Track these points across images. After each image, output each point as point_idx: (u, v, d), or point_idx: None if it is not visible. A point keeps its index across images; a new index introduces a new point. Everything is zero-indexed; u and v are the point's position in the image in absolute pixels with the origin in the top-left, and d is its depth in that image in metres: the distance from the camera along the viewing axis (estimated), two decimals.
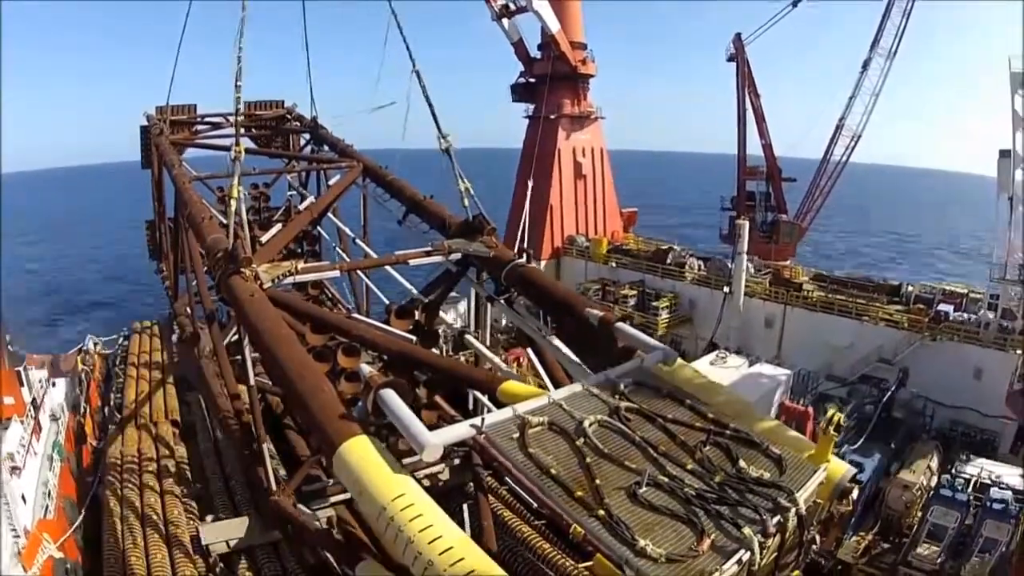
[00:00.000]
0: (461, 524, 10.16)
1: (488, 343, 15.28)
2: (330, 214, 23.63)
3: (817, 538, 8.68)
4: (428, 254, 14.67)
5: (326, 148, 24.03)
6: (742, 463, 8.01)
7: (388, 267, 16.62)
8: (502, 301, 14.08)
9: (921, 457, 30.00)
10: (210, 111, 26.89)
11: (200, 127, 26.28)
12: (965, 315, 37.84)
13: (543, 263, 53.16)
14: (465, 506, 10.92)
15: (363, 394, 9.74)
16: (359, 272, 20.80)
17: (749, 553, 6.64)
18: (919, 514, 26.86)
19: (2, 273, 73.62)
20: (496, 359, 14.11)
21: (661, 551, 6.50)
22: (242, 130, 22.92)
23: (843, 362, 38.44)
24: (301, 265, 13.59)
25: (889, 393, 34.17)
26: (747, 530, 6.79)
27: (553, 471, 7.72)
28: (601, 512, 7.02)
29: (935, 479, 28.73)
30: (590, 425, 8.62)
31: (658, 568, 6.38)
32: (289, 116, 27.17)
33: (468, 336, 14.98)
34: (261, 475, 11.27)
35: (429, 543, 6.59)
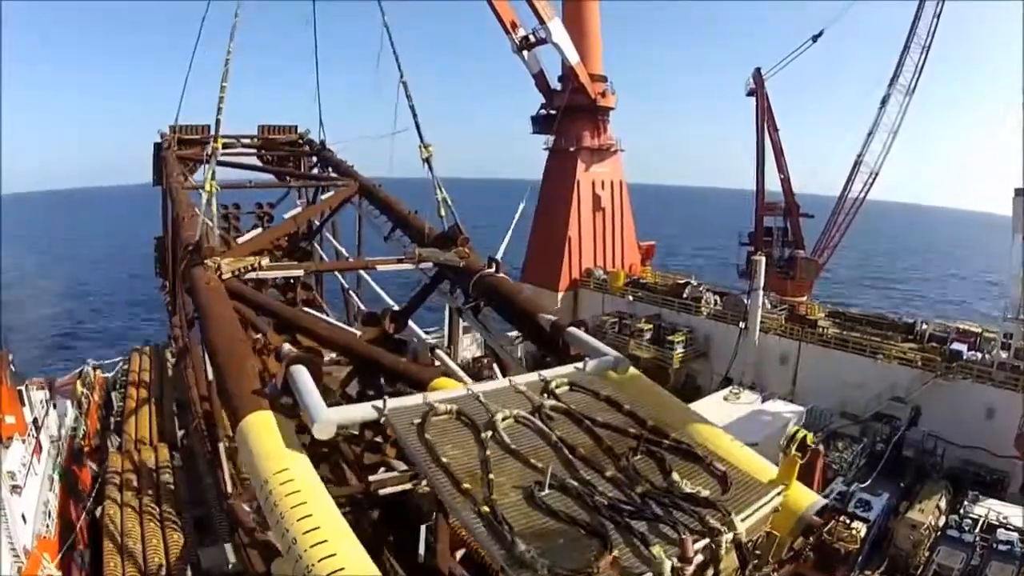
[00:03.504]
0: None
1: (459, 356, 15.37)
2: (327, 233, 24.74)
3: None
4: (399, 261, 15.12)
5: (330, 170, 25.25)
6: (675, 476, 7.36)
7: (363, 273, 17.09)
8: (467, 311, 14.29)
9: (930, 496, 30.13)
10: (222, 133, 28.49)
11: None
12: (978, 354, 37.97)
13: (560, 295, 53.88)
14: (424, 526, 10.15)
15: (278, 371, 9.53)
16: (340, 278, 21.47)
17: None
18: (926, 554, 27.11)
19: (2, 294, 75.18)
20: (461, 372, 13.54)
21: (545, 561, 5.78)
22: (252, 155, 23.99)
23: (857, 400, 38.52)
24: (265, 262, 13.81)
25: (900, 432, 34.37)
26: (657, 549, 6.03)
27: (444, 460, 7.26)
28: (485, 508, 6.48)
29: (943, 519, 28.82)
30: (503, 420, 8.21)
31: None
32: (301, 140, 28.69)
33: (438, 351, 14.80)
34: (219, 476, 11.41)
35: (298, 520, 6.41)
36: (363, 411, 8.28)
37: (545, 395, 9.13)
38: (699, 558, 6.32)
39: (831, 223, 54.66)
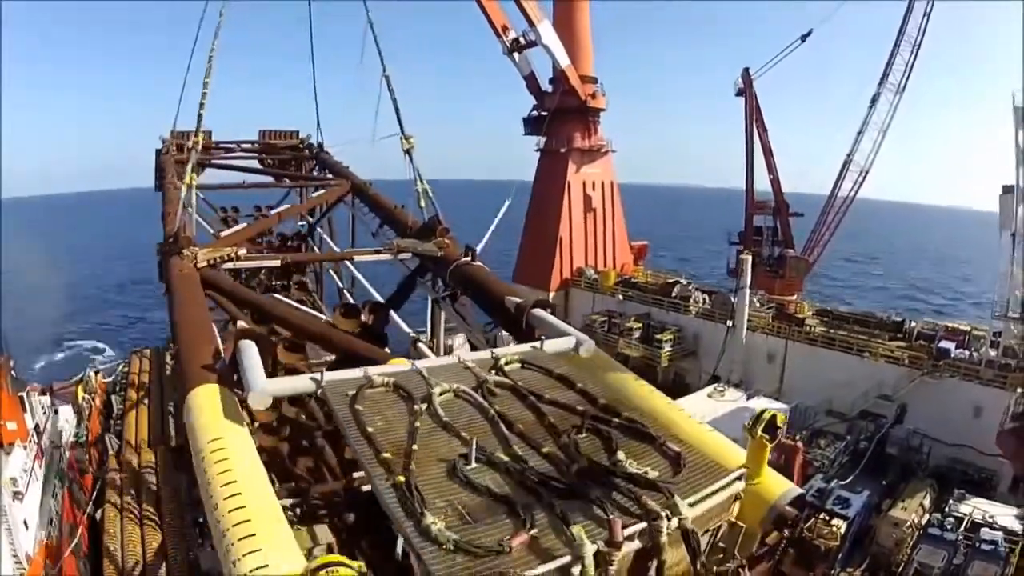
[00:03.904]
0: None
1: (441, 346, 15.50)
2: (324, 235, 25.01)
3: (743, 574, 7.71)
4: (377, 252, 15.29)
5: (327, 172, 25.68)
6: (621, 455, 6.97)
7: (355, 272, 17.41)
8: (446, 300, 14.49)
9: (914, 494, 29.98)
10: (225, 138, 28.89)
11: (214, 150, 27.99)
12: (966, 352, 37.82)
13: (551, 294, 53.88)
14: None
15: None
16: (336, 279, 21.69)
17: (579, 563, 5.44)
18: (908, 552, 26.94)
19: (2, 298, 75.33)
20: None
21: (452, 535, 5.51)
22: (254, 158, 24.40)
23: (844, 397, 38.40)
24: (243, 252, 14.20)
25: (884, 429, 34.21)
26: (578, 529, 5.63)
27: (370, 429, 7.15)
28: (400, 479, 6.25)
29: (927, 517, 28.70)
30: (441, 393, 8.07)
31: (442, 555, 5.39)
32: (301, 144, 29.12)
33: (420, 344, 14.98)
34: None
35: (221, 486, 6.41)
36: (301, 383, 8.32)
37: (493, 371, 8.98)
38: (635, 544, 5.98)
39: (821, 222, 54.54)
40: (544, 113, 56.89)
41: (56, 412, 23.16)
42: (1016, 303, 37.86)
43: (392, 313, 16.06)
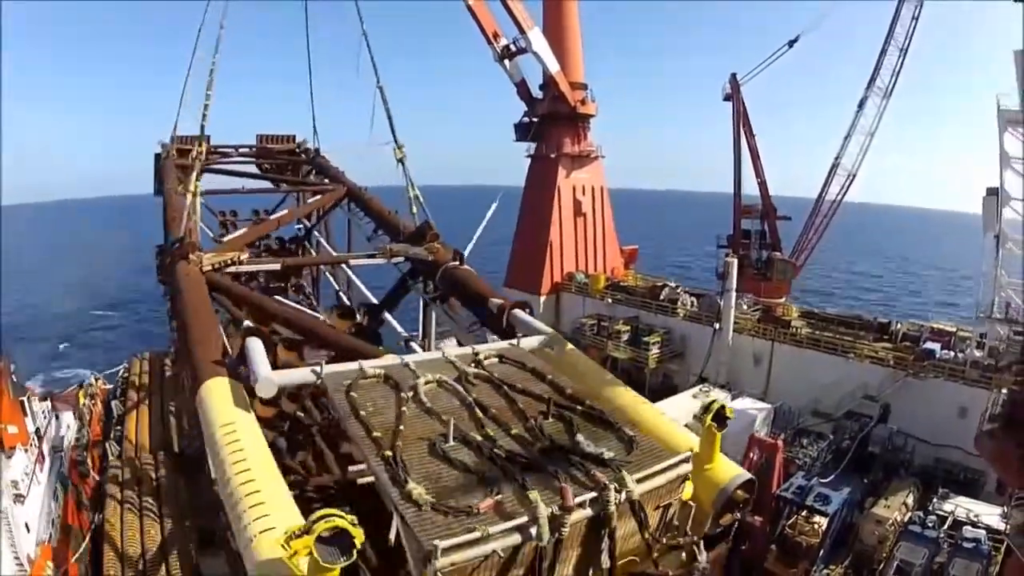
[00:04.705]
0: None
1: (432, 346, 16.04)
2: (321, 239, 25.34)
3: (700, 554, 8.21)
4: (371, 256, 15.91)
5: (323, 176, 25.99)
6: (580, 437, 7.79)
7: (352, 276, 17.96)
8: (435, 302, 15.18)
9: (897, 493, 30.16)
10: (223, 143, 29.17)
11: (212, 156, 28.32)
12: (951, 353, 38.03)
13: (542, 298, 54.08)
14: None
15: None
16: (332, 281, 22.20)
17: (534, 524, 6.24)
18: (890, 549, 27.05)
19: (1, 305, 75.40)
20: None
21: (430, 499, 6.35)
22: (252, 163, 24.79)
23: (829, 398, 38.65)
24: (245, 256, 14.93)
25: (867, 429, 34.40)
26: (534, 494, 6.44)
27: (363, 413, 8.11)
28: (388, 453, 7.15)
29: (910, 515, 28.88)
30: (425, 383, 9.08)
31: (422, 514, 6.22)
32: (297, 149, 29.43)
33: (413, 344, 15.61)
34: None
35: (234, 463, 7.24)
36: (302, 374, 9.16)
37: (473, 365, 9.87)
38: (587, 512, 6.68)
39: (808, 225, 54.89)
40: (535, 119, 57.39)
41: (57, 417, 23.70)
42: (1000, 304, 38.24)
43: (386, 314, 16.54)
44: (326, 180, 25.50)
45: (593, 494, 6.69)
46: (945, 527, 27.20)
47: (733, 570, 22.59)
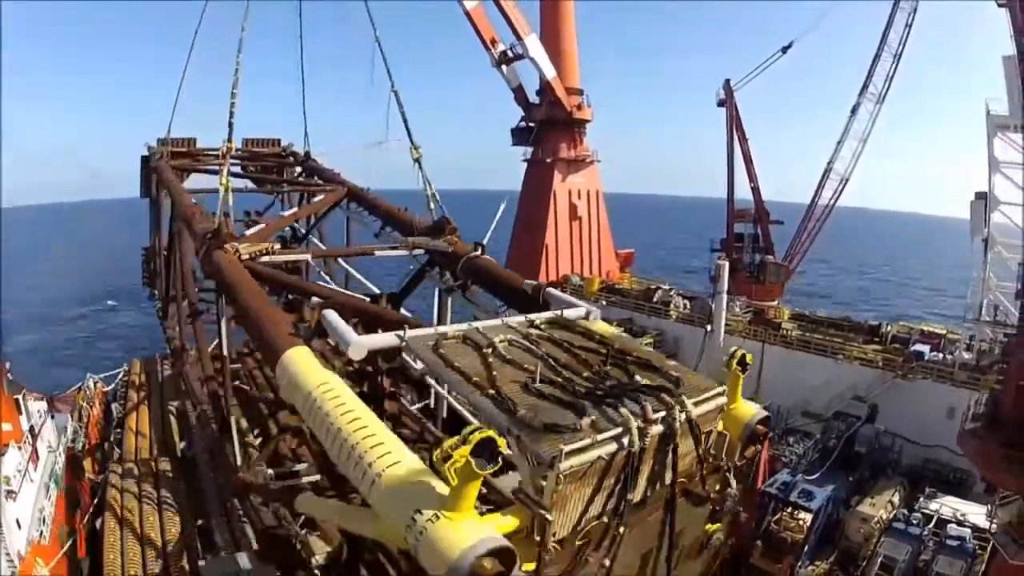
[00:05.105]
0: None
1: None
2: (316, 240, 25.80)
3: (733, 484, 9.46)
4: (394, 248, 16.58)
5: (316, 178, 26.31)
6: (638, 378, 8.72)
7: (352, 271, 18.45)
8: (457, 289, 15.84)
9: (883, 491, 30.57)
10: (209, 145, 29.49)
11: (201, 157, 28.62)
12: (940, 355, 38.44)
13: None
14: None
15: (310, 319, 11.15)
16: (343, 264, 22.90)
17: (627, 434, 7.19)
18: (874, 546, 27.43)
19: (1, 305, 75.64)
20: None
21: (542, 419, 7.18)
22: (238, 165, 25.22)
23: (819, 399, 39.03)
24: (277, 247, 15.45)
25: (854, 429, 34.79)
26: (624, 410, 7.45)
27: (457, 364, 8.86)
28: (492, 391, 7.92)
29: (895, 513, 29.25)
30: (500, 341, 9.81)
31: (535, 434, 7.00)
32: (284, 153, 29.70)
33: None
34: (228, 451, 12.31)
35: (342, 414, 7.75)
36: (387, 339, 9.73)
37: (531, 328, 10.64)
38: (660, 428, 7.59)
39: (801, 229, 55.37)
40: (532, 124, 57.89)
41: (52, 416, 23.62)
42: (988, 307, 38.74)
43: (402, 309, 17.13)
44: (320, 181, 25.87)
45: (663, 412, 7.60)
46: (930, 525, 27.60)
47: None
